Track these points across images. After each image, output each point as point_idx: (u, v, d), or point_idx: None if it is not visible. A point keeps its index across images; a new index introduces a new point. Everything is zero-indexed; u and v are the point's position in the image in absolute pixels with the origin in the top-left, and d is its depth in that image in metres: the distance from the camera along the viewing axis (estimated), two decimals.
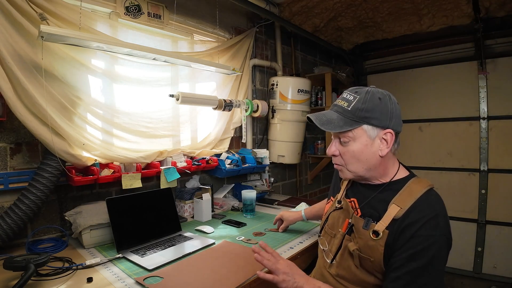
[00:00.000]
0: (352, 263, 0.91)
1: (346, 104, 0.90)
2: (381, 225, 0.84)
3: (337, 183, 1.14)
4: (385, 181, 0.93)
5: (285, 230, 1.51)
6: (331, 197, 1.12)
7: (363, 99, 0.88)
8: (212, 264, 1.13)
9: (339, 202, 1.02)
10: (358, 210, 0.93)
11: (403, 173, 0.94)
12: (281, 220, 1.51)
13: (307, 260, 1.33)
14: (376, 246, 0.84)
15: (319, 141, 3.08)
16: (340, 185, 1.09)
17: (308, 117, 0.97)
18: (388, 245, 0.82)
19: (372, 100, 0.88)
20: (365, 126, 0.88)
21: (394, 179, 0.92)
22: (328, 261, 0.98)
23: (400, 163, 0.97)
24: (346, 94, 0.92)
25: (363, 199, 0.94)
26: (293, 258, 1.23)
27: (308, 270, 1.21)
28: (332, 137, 0.97)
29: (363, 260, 0.88)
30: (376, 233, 0.84)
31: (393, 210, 0.84)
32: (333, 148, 0.95)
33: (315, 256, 1.17)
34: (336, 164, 0.97)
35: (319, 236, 1.10)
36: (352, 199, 0.98)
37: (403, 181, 0.90)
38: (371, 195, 0.92)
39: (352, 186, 1.03)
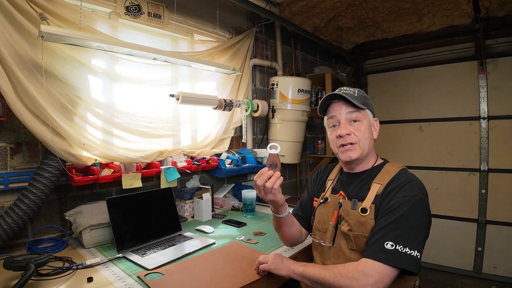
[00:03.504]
0: (346, 247, 0.98)
1: (352, 92, 1.06)
2: (367, 202, 0.96)
3: (315, 188, 1.23)
4: (367, 168, 1.07)
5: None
6: (315, 198, 1.19)
7: (361, 91, 1.08)
8: (215, 265, 1.13)
9: (325, 199, 1.11)
10: (346, 197, 1.05)
11: (379, 161, 1.10)
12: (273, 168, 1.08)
13: (307, 260, 1.33)
14: (367, 221, 0.94)
15: (319, 141, 3.08)
16: (326, 185, 1.18)
17: (332, 94, 1.05)
18: (376, 217, 0.93)
19: (365, 94, 1.09)
20: (368, 111, 1.06)
21: (374, 165, 1.07)
22: (329, 245, 1.04)
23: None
24: (345, 87, 1.08)
25: (348, 188, 1.06)
26: (293, 258, 1.23)
27: None
28: (340, 121, 1.05)
29: (357, 239, 0.95)
30: (364, 210, 0.96)
31: (375, 188, 0.98)
32: (348, 128, 1.03)
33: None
34: (350, 143, 1.04)
35: (310, 234, 1.17)
36: (340, 192, 1.09)
37: (380, 166, 1.06)
38: (355, 183, 1.05)
39: (337, 183, 1.14)
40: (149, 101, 1.73)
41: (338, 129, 1.05)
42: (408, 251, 0.83)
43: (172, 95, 1.68)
